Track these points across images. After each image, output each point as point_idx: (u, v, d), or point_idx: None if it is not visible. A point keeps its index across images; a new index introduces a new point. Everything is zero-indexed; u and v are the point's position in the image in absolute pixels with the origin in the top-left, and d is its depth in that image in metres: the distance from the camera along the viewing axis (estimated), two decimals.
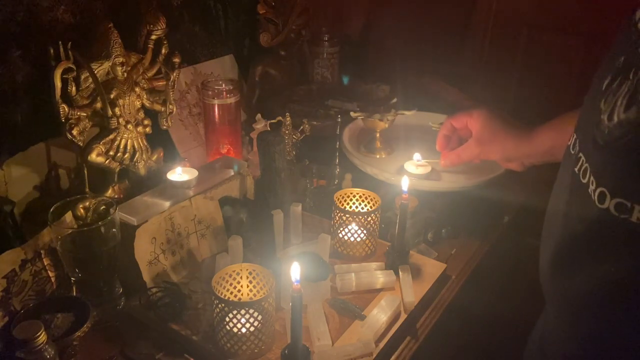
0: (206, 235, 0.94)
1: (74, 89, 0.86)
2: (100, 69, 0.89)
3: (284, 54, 1.41)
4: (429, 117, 1.22)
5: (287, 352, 0.69)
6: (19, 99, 0.93)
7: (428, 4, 1.54)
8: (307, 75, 1.51)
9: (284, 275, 0.81)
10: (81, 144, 0.90)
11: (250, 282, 0.80)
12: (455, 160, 1.02)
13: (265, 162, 0.98)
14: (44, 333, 0.66)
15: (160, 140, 1.06)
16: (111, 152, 0.94)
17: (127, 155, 0.96)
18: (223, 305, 0.73)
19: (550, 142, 0.89)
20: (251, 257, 0.92)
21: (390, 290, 0.88)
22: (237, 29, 1.37)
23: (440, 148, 1.06)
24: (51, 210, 0.80)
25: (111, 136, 0.93)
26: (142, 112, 0.97)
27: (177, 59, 0.99)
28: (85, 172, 0.93)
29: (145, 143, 0.99)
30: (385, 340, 0.79)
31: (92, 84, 0.89)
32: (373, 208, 0.98)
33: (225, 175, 0.99)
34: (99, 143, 0.92)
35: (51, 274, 0.83)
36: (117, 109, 0.92)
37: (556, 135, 0.87)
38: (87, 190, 0.93)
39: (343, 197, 1.00)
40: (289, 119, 1.13)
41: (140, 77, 0.97)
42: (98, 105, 0.90)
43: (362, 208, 1.00)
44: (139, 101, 0.96)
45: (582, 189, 0.57)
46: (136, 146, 0.97)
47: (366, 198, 0.99)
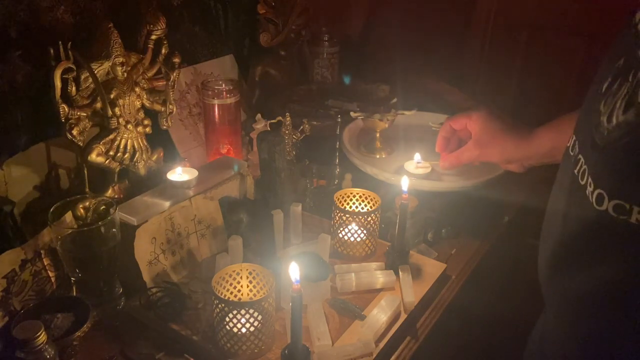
0: (206, 235, 0.94)
1: (74, 89, 0.86)
2: (100, 69, 0.89)
3: (284, 54, 1.41)
4: (429, 117, 1.22)
5: (287, 352, 0.69)
6: (19, 99, 0.93)
7: (428, 4, 1.54)
8: (307, 75, 1.51)
9: (284, 275, 0.81)
10: (81, 144, 0.90)
11: (250, 282, 0.80)
12: (454, 162, 1.02)
13: (265, 162, 0.98)
14: (44, 333, 0.66)
15: (160, 140, 1.06)
16: (111, 152, 0.94)
17: (127, 155, 0.96)
18: (223, 305, 0.73)
19: (549, 143, 0.88)
20: (251, 257, 0.92)
21: (390, 290, 0.88)
22: (237, 29, 1.37)
23: (439, 150, 1.06)
24: (51, 210, 0.80)
25: (111, 136, 0.93)
26: (142, 112, 0.97)
27: (177, 59, 0.99)
28: (85, 172, 0.93)
29: (145, 143, 0.99)
30: (385, 340, 0.79)
31: (92, 84, 0.89)
32: (373, 208, 0.98)
33: (225, 175, 0.99)
34: (99, 143, 0.92)
35: (51, 274, 0.83)
36: (117, 109, 0.92)
37: (556, 136, 0.87)
38: (87, 190, 0.93)
39: (343, 197, 1.00)
40: (289, 119, 1.13)
41: (140, 77, 0.97)
42: (98, 105, 0.90)
43: (362, 208, 1.00)
44: (139, 101, 0.96)
45: (581, 190, 0.57)
46: (136, 146, 0.97)
47: (366, 198, 0.99)
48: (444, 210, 1.08)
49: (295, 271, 0.67)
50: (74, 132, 0.88)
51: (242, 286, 0.80)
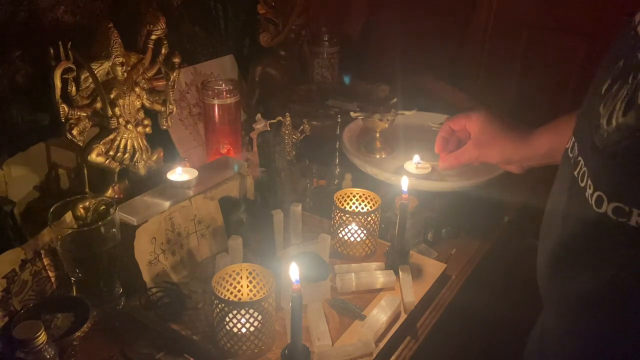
0: (206, 235, 0.94)
1: (74, 89, 0.86)
2: (100, 69, 0.89)
3: (284, 54, 1.41)
4: (429, 117, 1.22)
5: (287, 352, 0.69)
6: (19, 99, 0.93)
7: (428, 4, 1.54)
8: (307, 75, 1.51)
9: (284, 275, 0.81)
10: (81, 144, 0.90)
11: (250, 282, 0.80)
12: (453, 162, 1.02)
13: (265, 162, 0.98)
14: (44, 333, 0.66)
15: (160, 140, 1.06)
16: (111, 152, 0.94)
17: (127, 155, 0.96)
18: (223, 305, 0.73)
19: (549, 144, 0.88)
20: (251, 257, 0.92)
21: (390, 290, 0.88)
22: (237, 29, 1.37)
23: (438, 150, 1.06)
24: (51, 210, 0.80)
25: (111, 136, 0.93)
26: (142, 112, 0.97)
27: (177, 59, 0.99)
28: (85, 172, 0.93)
29: (145, 143, 0.99)
30: (385, 340, 0.79)
31: (92, 84, 0.89)
32: (373, 208, 0.98)
33: (225, 175, 0.99)
34: (99, 143, 0.92)
35: (51, 274, 0.83)
36: (117, 109, 0.92)
37: (555, 137, 0.87)
38: (87, 190, 0.93)
39: (343, 197, 1.00)
40: (289, 119, 1.13)
41: (140, 77, 0.97)
42: (98, 105, 0.90)
43: (362, 208, 1.00)
44: (139, 101, 0.96)
45: (581, 192, 0.57)
46: (136, 146, 0.97)
47: (366, 198, 0.99)
48: (444, 210, 1.08)
49: (295, 271, 0.67)
50: (74, 132, 0.88)
51: (242, 286, 0.80)
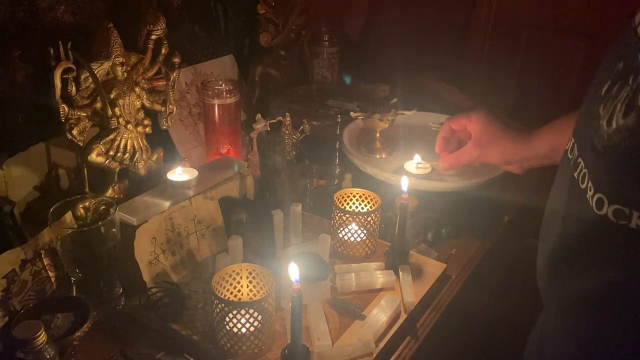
0: (206, 235, 0.94)
1: (74, 89, 0.86)
2: (100, 69, 0.89)
3: (284, 54, 1.41)
4: (429, 117, 1.22)
5: (287, 352, 0.69)
6: (19, 99, 0.93)
7: (428, 4, 1.54)
8: (307, 75, 1.51)
9: (284, 275, 0.81)
10: (81, 144, 0.90)
11: (250, 282, 0.80)
12: (454, 163, 1.02)
13: (265, 162, 0.98)
14: (44, 333, 0.66)
15: (160, 140, 1.06)
16: (111, 152, 0.94)
17: (127, 155, 0.96)
18: (223, 305, 0.73)
19: (549, 145, 0.88)
20: (251, 257, 0.92)
21: (390, 290, 0.88)
22: (237, 29, 1.37)
23: (439, 150, 1.06)
24: (51, 210, 0.80)
25: (111, 136, 0.93)
26: (142, 112, 0.97)
27: (177, 59, 0.99)
28: (85, 172, 0.93)
29: (145, 143, 0.99)
30: (385, 340, 0.79)
31: (92, 84, 0.89)
32: (373, 208, 0.98)
33: (225, 175, 0.99)
34: (99, 143, 0.92)
35: (51, 274, 0.83)
36: (117, 109, 0.92)
37: (555, 138, 0.87)
38: (87, 190, 0.93)
39: (343, 197, 1.00)
40: (289, 119, 1.13)
41: (140, 77, 0.97)
42: (98, 105, 0.90)
43: (362, 208, 1.00)
44: (139, 101, 0.96)
45: (581, 194, 0.57)
46: (136, 146, 0.97)
47: (366, 198, 0.99)
48: (444, 210, 1.08)
49: (295, 271, 0.67)
50: (74, 132, 0.88)
51: (242, 286, 0.80)
